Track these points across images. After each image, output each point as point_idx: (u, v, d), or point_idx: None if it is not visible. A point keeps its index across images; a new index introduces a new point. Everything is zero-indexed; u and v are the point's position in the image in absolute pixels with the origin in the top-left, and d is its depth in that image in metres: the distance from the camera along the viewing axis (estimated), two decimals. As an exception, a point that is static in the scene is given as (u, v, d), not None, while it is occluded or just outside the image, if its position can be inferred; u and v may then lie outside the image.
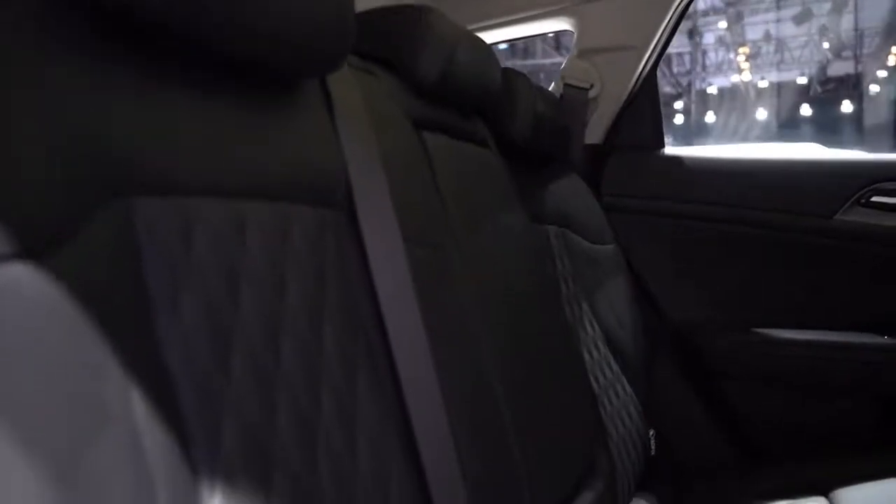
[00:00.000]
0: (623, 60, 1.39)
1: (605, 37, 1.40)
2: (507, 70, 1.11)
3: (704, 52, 18.85)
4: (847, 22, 16.65)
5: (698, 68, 18.78)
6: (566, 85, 1.42)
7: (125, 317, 0.38)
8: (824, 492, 1.09)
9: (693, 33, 17.78)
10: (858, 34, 16.48)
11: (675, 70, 18.71)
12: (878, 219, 1.32)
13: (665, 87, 18.11)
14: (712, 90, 18.59)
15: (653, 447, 1.28)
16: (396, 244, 0.63)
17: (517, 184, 1.09)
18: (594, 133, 1.45)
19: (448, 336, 0.66)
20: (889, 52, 15.92)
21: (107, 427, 0.33)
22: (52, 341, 0.31)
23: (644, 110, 1.45)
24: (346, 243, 0.59)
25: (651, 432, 1.28)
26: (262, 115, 0.54)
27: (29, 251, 0.32)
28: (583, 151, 1.44)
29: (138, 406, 0.36)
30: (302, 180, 0.57)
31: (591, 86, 1.41)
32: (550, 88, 1.44)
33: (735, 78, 19.24)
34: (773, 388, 1.38)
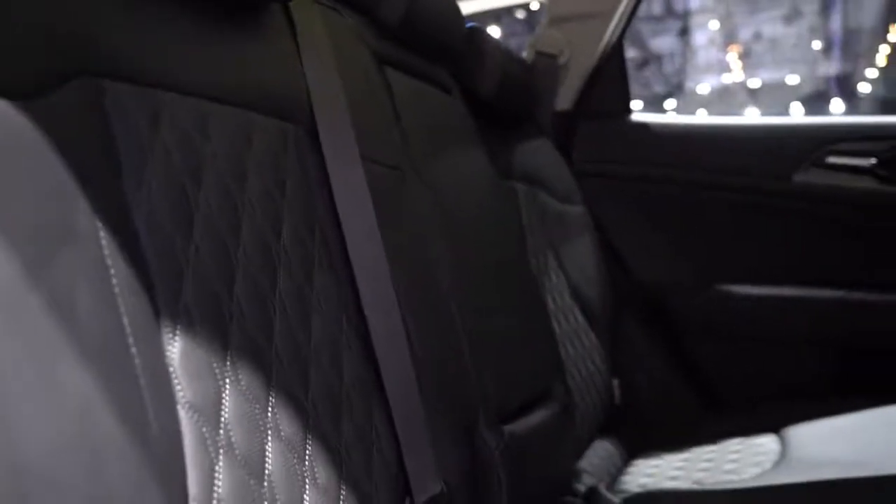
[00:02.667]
0: (591, 28, 1.45)
1: (575, 5, 1.45)
2: (475, 28, 1.17)
3: (695, 52, 18.97)
4: (836, 22, 16.79)
5: (689, 68, 18.90)
6: (537, 53, 1.48)
7: (96, 171, 0.43)
8: (776, 430, 1.14)
9: (684, 32, 17.89)
10: (848, 34, 16.62)
11: (665, 69, 18.83)
12: (832, 179, 1.38)
13: (656, 87, 18.21)
14: (703, 89, 18.70)
15: (617, 396, 1.34)
16: (355, 160, 0.68)
17: (485, 139, 1.14)
18: (564, 100, 1.51)
19: (404, 248, 0.72)
20: (877, 52, 16.05)
21: (75, 242, 0.38)
22: (27, 164, 0.37)
23: (612, 77, 1.51)
24: (307, 155, 0.65)
25: (616, 381, 1.34)
26: (230, 33, 0.60)
27: (7, 92, 0.37)
28: (553, 118, 1.50)
29: (105, 240, 0.41)
30: (265, 93, 0.62)
31: (561, 53, 1.47)
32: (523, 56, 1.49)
33: (726, 77, 19.37)
34: (734, 341, 1.44)
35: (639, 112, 1.54)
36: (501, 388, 0.81)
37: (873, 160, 1.36)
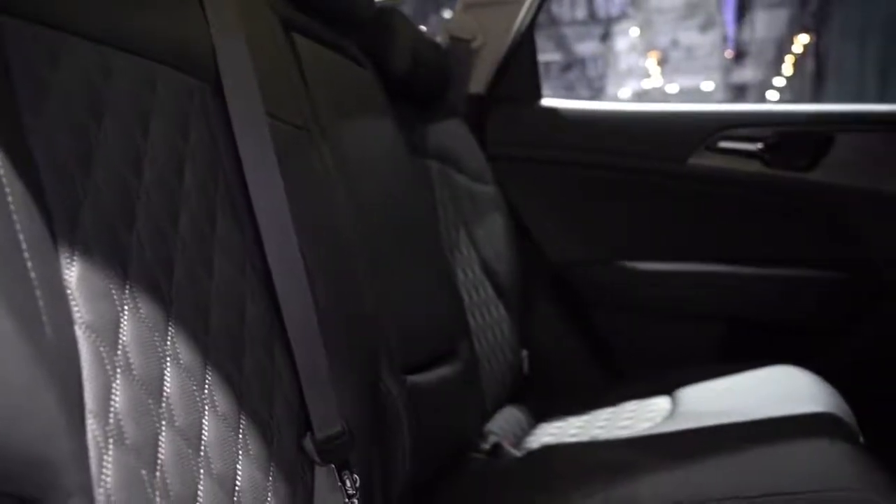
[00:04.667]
0: (503, 15, 1.51)
1: (488, -9, 1.51)
2: (385, 8, 1.20)
3: (617, 57, 19.60)
4: (748, 32, 17.66)
5: (611, 72, 19.50)
6: (451, 37, 1.53)
7: None
8: (669, 392, 1.22)
9: (605, 38, 18.44)
10: (757, 43, 17.50)
11: (589, 73, 19.37)
12: (723, 162, 1.48)
13: (580, 90, 18.72)
14: (624, 93, 19.34)
15: (525, 366, 1.40)
16: (260, 116, 0.70)
17: (398, 115, 1.18)
18: (478, 83, 1.56)
19: (309, 204, 0.74)
20: (784, 62, 16.99)
21: None
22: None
23: (523, 63, 1.57)
24: (211, 110, 0.66)
25: (524, 352, 1.40)
26: None
27: None
28: (467, 100, 1.55)
29: (0, 160, 0.42)
30: (169, 48, 0.64)
31: (475, 38, 1.52)
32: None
33: (646, 83, 20.11)
34: (636, 314, 1.52)
35: (548, 97, 1.61)
36: (405, 342, 0.85)
37: (760, 145, 1.47)
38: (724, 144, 1.48)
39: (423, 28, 1.50)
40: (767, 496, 0.71)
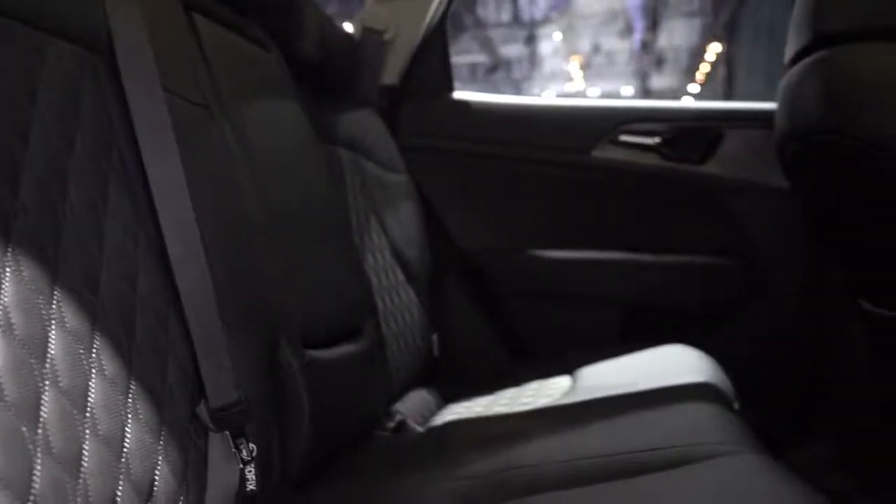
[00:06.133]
0: (415, 7, 1.54)
1: (400, -16, 1.54)
2: (297, -5, 1.21)
3: (542, 60, 20.03)
4: (664, 39, 18.36)
5: (536, 74, 19.91)
6: (364, 28, 1.55)
7: None
8: (570, 371, 1.28)
9: (530, 41, 18.81)
10: (673, 51, 18.23)
11: (514, 76, 19.71)
12: (624, 155, 1.56)
13: (506, 91, 19.01)
14: (549, 95, 19.76)
15: (436, 349, 1.44)
16: (156, 90, 0.71)
17: (307, 101, 1.19)
18: (390, 75, 1.59)
19: (208, 179, 0.75)
20: (698, 69, 17.76)
21: None
22: None
23: (436, 56, 1.61)
24: (105, 83, 0.66)
25: (434, 336, 1.44)
26: None
27: None
28: (380, 91, 1.57)
29: None
30: (61, 17, 0.64)
31: (387, 29, 1.55)
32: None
33: (569, 86, 20.62)
34: (543, 300, 1.59)
35: (459, 90, 1.65)
36: (308, 317, 0.87)
37: (657, 139, 1.55)
38: (624, 138, 1.56)
39: (348, 25, 1.52)
40: (643, 451, 0.77)
